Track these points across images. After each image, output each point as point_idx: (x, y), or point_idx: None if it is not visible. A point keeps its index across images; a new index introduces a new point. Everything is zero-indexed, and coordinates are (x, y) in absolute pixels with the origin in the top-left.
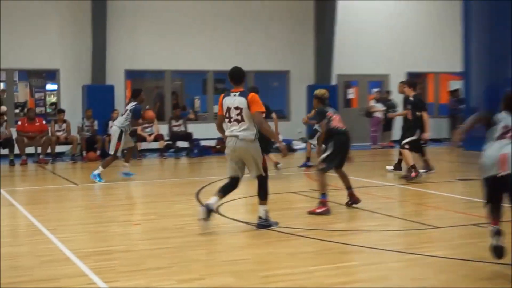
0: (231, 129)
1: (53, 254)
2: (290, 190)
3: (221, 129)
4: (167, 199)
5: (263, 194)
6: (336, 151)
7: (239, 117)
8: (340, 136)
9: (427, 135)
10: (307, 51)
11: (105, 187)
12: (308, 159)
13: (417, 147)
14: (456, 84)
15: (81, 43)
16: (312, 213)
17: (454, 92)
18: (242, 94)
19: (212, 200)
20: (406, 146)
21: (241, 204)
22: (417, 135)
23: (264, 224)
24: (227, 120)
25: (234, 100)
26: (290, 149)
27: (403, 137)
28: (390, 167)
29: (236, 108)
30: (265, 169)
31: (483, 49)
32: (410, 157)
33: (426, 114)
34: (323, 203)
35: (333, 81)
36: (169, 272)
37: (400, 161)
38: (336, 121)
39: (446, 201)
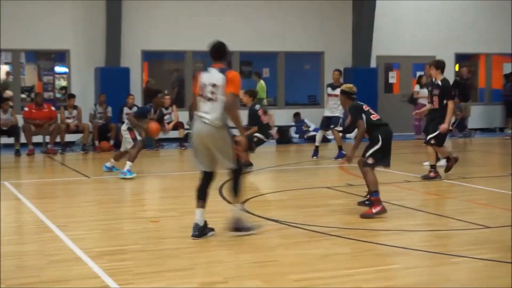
0: (201, 110)
1: (62, 253)
2: (323, 184)
3: (195, 109)
4: (187, 194)
5: (236, 191)
6: (384, 145)
7: (213, 96)
8: (385, 127)
9: (445, 126)
10: (344, 29)
11: (120, 180)
12: (340, 148)
13: (444, 140)
14: (510, 67)
15: (94, 21)
16: (367, 216)
17: (509, 76)
18: (222, 70)
19: (197, 215)
20: (432, 141)
21: (268, 200)
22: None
23: (240, 227)
24: (200, 99)
25: (211, 76)
26: (324, 139)
27: (427, 130)
28: (427, 163)
29: (213, 85)
30: (243, 162)
31: None
32: (442, 150)
33: (452, 104)
34: (377, 201)
35: (373, 64)
36: (190, 274)
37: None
38: (374, 113)
39: (498, 198)
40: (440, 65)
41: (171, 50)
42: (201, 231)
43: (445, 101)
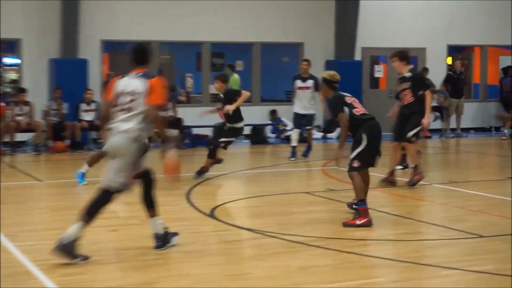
0: (116, 120)
1: (10, 266)
2: (302, 189)
3: (106, 120)
4: None
5: (91, 211)
6: (370, 144)
7: (131, 105)
8: (371, 122)
9: (427, 121)
10: (326, 18)
11: (76, 184)
12: (309, 146)
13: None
14: (509, 61)
15: (48, 8)
16: (349, 225)
17: (507, 70)
18: (144, 75)
19: (152, 225)
20: (413, 139)
21: (241, 206)
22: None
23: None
24: (115, 108)
25: (130, 82)
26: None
27: (401, 128)
28: (399, 167)
29: (131, 92)
30: (127, 184)
31: None
32: (415, 155)
33: (429, 94)
34: (364, 212)
35: (357, 56)
36: None
37: (404, 156)
38: (359, 105)
39: (494, 204)
40: (404, 56)
41: (134, 40)
42: (163, 239)
43: (420, 93)
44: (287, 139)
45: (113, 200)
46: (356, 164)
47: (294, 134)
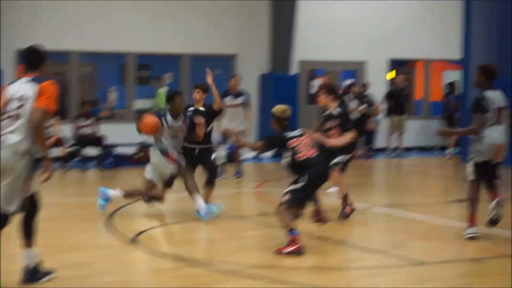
0: (3, 131)
1: None
2: (233, 213)
3: None
4: (68, 225)
5: (28, 233)
6: (308, 184)
7: (19, 111)
8: (315, 166)
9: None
10: (260, 29)
11: None
12: (239, 166)
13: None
14: (454, 76)
15: None
16: (280, 253)
17: (451, 86)
18: (35, 79)
19: (25, 256)
20: (337, 168)
21: (166, 231)
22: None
23: (35, 276)
24: (4, 116)
25: (20, 87)
26: (232, 159)
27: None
28: (332, 189)
29: (19, 98)
30: (29, 204)
31: (489, 30)
32: (344, 184)
33: (353, 134)
34: (293, 240)
35: (294, 70)
36: None
37: None
38: (305, 147)
39: (438, 229)
40: (332, 90)
41: (53, 50)
42: (33, 273)
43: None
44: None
45: (9, 222)
46: (287, 197)
47: (222, 152)
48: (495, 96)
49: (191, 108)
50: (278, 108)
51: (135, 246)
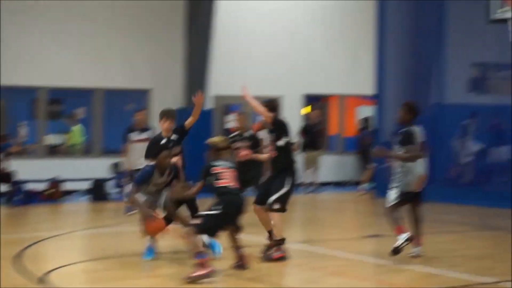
0: None
1: None
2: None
3: None
4: None
5: None
6: (222, 214)
7: None
8: (231, 196)
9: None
10: (175, 64)
11: None
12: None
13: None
14: (367, 111)
15: None
16: (190, 278)
17: (365, 121)
18: None
19: None
20: (276, 206)
21: (75, 271)
22: (289, 184)
23: None
24: None
25: None
26: None
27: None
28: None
29: None
30: None
31: (401, 67)
32: (280, 225)
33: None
34: (201, 263)
35: (209, 104)
36: None
37: None
38: (228, 177)
39: (352, 265)
40: (272, 106)
41: None
42: None
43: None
44: None
45: None
46: (196, 221)
47: (128, 189)
48: (418, 131)
49: (164, 140)
50: (215, 139)
51: (43, 286)
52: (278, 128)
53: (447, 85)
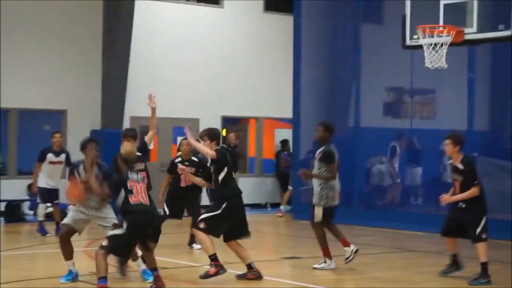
0: None
1: None
2: (55, 274)
3: None
4: None
5: None
6: (129, 234)
7: None
8: (137, 215)
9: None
10: (92, 85)
11: None
12: (57, 223)
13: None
14: (285, 134)
15: None
16: None
17: (283, 144)
18: None
19: None
20: (202, 226)
21: None
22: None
23: None
24: None
25: None
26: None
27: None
28: (198, 246)
29: None
30: None
31: (318, 91)
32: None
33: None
34: None
35: (126, 125)
36: None
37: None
38: (140, 192)
39: (269, 287)
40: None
41: None
42: None
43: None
44: (49, 216)
45: None
46: (106, 242)
47: (41, 210)
48: (335, 149)
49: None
50: (125, 150)
51: None
52: (219, 161)
53: (363, 108)
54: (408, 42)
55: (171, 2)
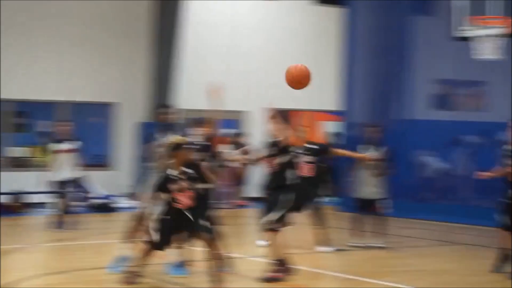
0: None
1: None
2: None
3: None
4: None
5: None
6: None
7: None
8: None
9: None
10: (140, 78)
11: None
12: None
13: None
14: (330, 126)
15: None
16: None
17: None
18: None
19: None
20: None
21: (36, 284)
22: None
23: None
24: None
25: None
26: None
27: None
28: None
29: None
30: None
31: (367, 85)
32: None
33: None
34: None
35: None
36: None
37: None
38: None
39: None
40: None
41: None
42: None
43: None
44: (99, 208)
45: None
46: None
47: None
48: None
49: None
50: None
51: None
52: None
53: (410, 101)
54: (460, 33)
55: None
